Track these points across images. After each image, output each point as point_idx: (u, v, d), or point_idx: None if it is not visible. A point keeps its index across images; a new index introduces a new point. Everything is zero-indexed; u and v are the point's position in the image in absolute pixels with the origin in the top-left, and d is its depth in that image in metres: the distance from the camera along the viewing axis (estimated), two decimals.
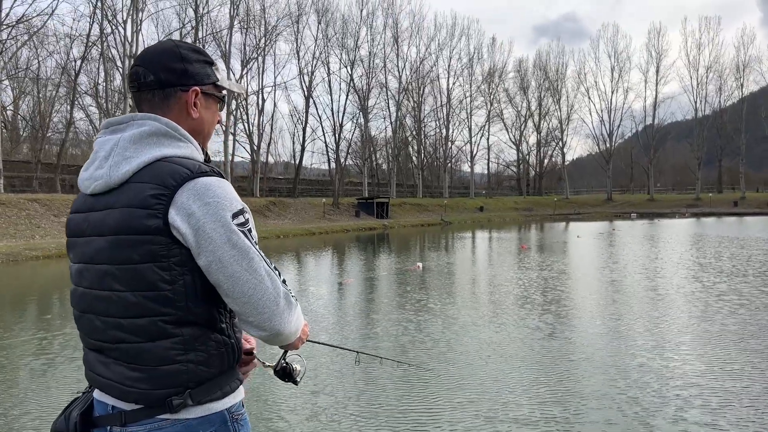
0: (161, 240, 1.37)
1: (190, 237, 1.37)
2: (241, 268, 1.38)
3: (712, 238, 25.55)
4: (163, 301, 1.39)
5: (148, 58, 1.54)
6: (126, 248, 1.39)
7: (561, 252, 20.83)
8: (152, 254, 1.37)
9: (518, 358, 6.56)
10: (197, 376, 1.42)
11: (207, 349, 1.43)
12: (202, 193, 1.38)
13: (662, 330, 7.75)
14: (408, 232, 39.58)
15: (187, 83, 1.53)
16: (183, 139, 1.49)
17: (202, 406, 1.43)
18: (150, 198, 1.37)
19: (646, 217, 54.77)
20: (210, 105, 1.59)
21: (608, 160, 76.58)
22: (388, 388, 5.54)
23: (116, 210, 1.41)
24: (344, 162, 58.98)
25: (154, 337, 1.40)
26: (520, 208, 65.27)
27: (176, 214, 1.36)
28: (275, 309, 1.42)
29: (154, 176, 1.40)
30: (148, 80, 1.52)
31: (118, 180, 1.42)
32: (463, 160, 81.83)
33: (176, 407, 1.40)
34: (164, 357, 1.40)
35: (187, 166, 1.41)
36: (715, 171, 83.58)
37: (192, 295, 1.41)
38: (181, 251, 1.39)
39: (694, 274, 13.35)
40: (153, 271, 1.38)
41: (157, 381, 1.40)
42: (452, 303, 10.25)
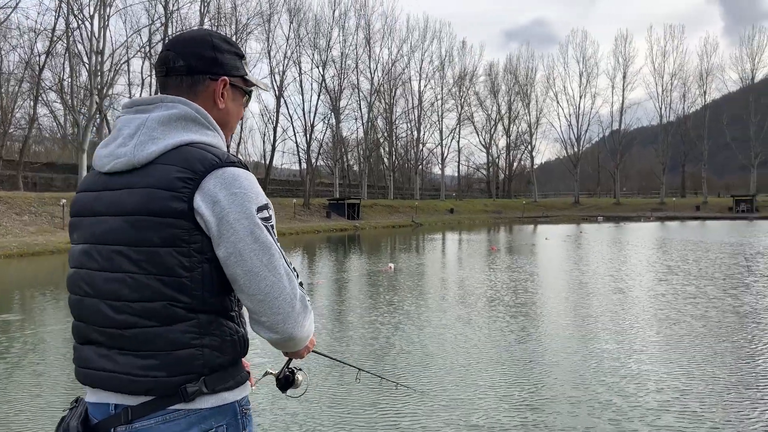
0: (184, 224, 1.33)
1: (213, 225, 1.34)
2: (260, 263, 1.34)
3: (677, 241, 26.13)
4: (179, 288, 1.35)
5: (180, 44, 1.52)
6: (146, 229, 1.34)
7: (530, 254, 21.07)
8: (173, 238, 1.33)
9: (491, 362, 6.56)
10: (211, 361, 1.37)
11: (221, 334, 1.39)
12: (229, 183, 1.35)
13: (633, 333, 7.86)
14: (379, 233, 39.60)
15: (216, 72, 1.51)
16: (210, 127, 1.47)
17: (215, 395, 1.39)
18: (177, 180, 1.34)
19: (612, 220, 55.74)
20: (236, 98, 1.57)
21: (576, 164, 77.73)
22: (360, 395, 5.51)
23: (138, 190, 1.36)
24: (315, 163, 58.77)
25: (167, 321, 1.35)
26: (489, 211, 65.82)
27: (202, 200, 1.33)
28: (290, 311, 1.38)
29: (182, 159, 1.36)
30: (177, 65, 1.49)
31: (143, 159, 1.38)
32: (434, 162, 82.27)
33: (191, 395, 1.35)
34: (179, 341, 1.35)
35: (215, 154, 1.39)
36: (679, 176, 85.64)
37: (208, 284, 1.37)
38: (202, 238, 1.35)
39: (661, 277, 13.61)
40: (172, 256, 1.34)
41: (172, 367, 1.34)
42: (424, 305, 10.28)
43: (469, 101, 77.35)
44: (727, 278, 13.02)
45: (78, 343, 1.49)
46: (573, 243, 26.62)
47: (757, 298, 10.29)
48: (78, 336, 1.48)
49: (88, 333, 1.44)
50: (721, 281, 12.52)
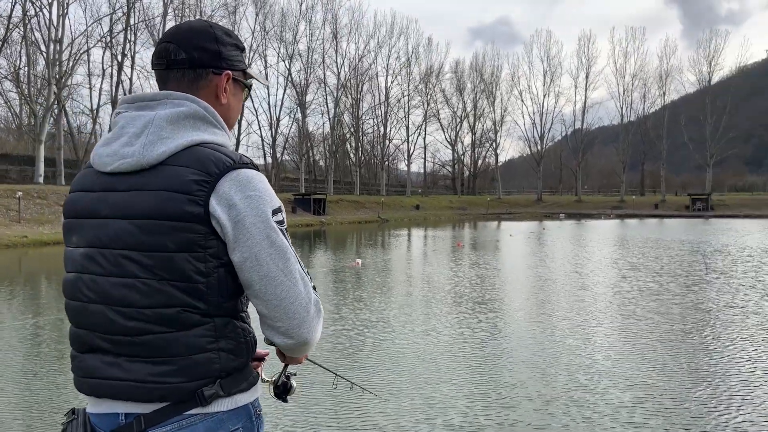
0: (200, 229, 1.29)
1: (229, 229, 1.30)
2: (277, 268, 1.31)
3: (638, 239, 26.72)
4: (194, 293, 1.31)
5: (181, 36, 1.45)
6: (160, 234, 1.29)
7: (495, 250, 21.30)
8: (188, 243, 1.29)
9: (462, 360, 6.56)
10: (227, 365, 1.35)
11: (236, 336, 1.37)
12: (244, 185, 1.31)
13: (601, 329, 7.97)
14: (345, 228, 39.52)
15: (220, 66, 1.46)
16: (219, 126, 1.43)
17: (231, 397, 1.36)
18: (192, 183, 1.29)
19: (573, 217, 56.78)
20: (237, 92, 1.52)
21: (539, 162, 78.89)
22: (321, 395, 5.49)
23: (149, 192, 1.30)
24: (281, 157, 58.30)
25: (183, 327, 1.31)
26: (454, 207, 66.33)
27: (217, 204, 1.29)
28: (305, 316, 1.35)
29: (195, 161, 1.31)
30: (179, 58, 1.42)
31: (153, 160, 1.32)
32: (400, 158, 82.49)
33: (208, 399, 1.32)
34: (195, 345, 1.31)
35: (228, 155, 1.35)
36: (639, 174, 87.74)
37: (224, 289, 1.34)
38: (217, 243, 1.31)
39: (624, 274, 13.86)
40: (188, 261, 1.29)
41: (188, 372, 1.31)
42: (393, 302, 10.30)
43: (436, 98, 77.87)
44: (689, 275, 13.33)
45: (78, 351, 1.42)
46: (536, 240, 27.02)
47: (719, 295, 10.56)
48: (78, 344, 1.41)
49: (90, 341, 1.37)
50: (683, 278, 12.80)
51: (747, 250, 19.53)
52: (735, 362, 6.27)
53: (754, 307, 9.35)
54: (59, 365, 6.22)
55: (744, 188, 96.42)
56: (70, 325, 1.45)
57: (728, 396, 5.19)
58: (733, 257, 17.32)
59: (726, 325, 8.08)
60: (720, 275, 13.35)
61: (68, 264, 1.42)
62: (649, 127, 76.72)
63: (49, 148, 40.67)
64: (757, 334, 7.50)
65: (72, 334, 1.43)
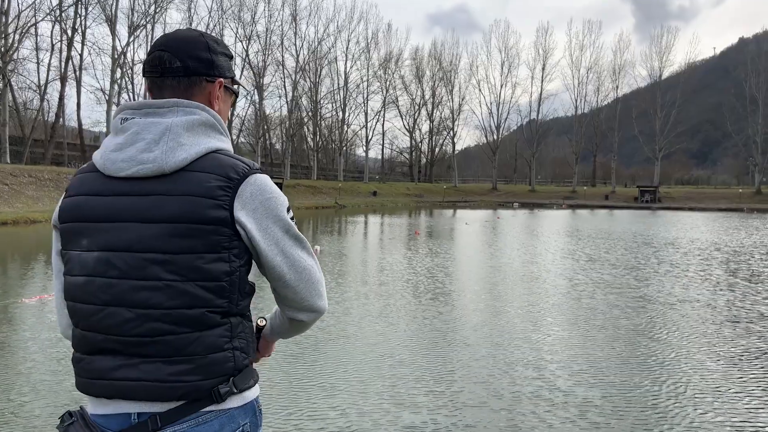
0: (225, 231, 1.38)
1: (255, 231, 1.41)
2: (300, 257, 1.48)
3: (590, 230, 27.34)
4: (219, 292, 1.39)
5: (174, 45, 1.50)
6: (189, 237, 1.35)
7: (451, 239, 21.60)
8: (215, 245, 1.37)
9: (417, 354, 6.66)
10: (239, 363, 1.44)
11: (245, 336, 1.47)
12: (262, 189, 1.43)
13: (557, 322, 8.13)
14: (302, 214, 39.32)
15: (213, 74, 1.53)
16: (225, 134, 1.52)
17: (241, 394, 1.45)
18: (216, 189, 1.37)
19: (527, 207, 57.86)
20: (227, 99, 1.61)
21: (495, 151, 79.88)
22: (274, 392, 5.57)
23: (175, 197, 1.36)
24: (237, 140, 57.40)
25: (205, 327, 1.38)
26: (411, 194, 66.69)
27: (241, 208, 1.39)
28: (322, 291, 1.54)
29: (215, 167, 1.40)
30: (174, 66, 1.48)
31: (174, 166, 1.37)
32: (358, 144, 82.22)
33: (224, 396, 1.39)
34: (214, 344, 1.39)
35: (243, 162, 1.45)
36: (591, 166, 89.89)
37: (242, 288, 1.45)
38: (239, 244, 1.41)
39: (579, 265, 14.16)
40: (214, 262, 1.37)
41: (206, 370, 1.38)
42: (348, 290, 10.38)
43: (395, 84, 77.75)
44: (643, 268, 13.58)
45: (84, 353, 1.44)
46: (491, 229, 27.48)
47: (673, 288, 10.86)
48: (85, 346, 1.43)
49: (100, 342, 1.40)
50: (637, 271, 13.01)
51: (696, 243, 20.23)
52: (692, 356, 6.44)
53: (707, 300, 9.63)
54: None
55: (690, 181, 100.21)
56: (73, 327, 1.48)
57: (686, 390, 5.32)
58: (684, 250, 17.82)
59: (682, 318, 8.26)
60: (672, 268, 13.67)
61: (74, 267, 1.43)
62: (602, 119, 78.49)
63: None
64: (710, 327, 7.77)
65: (77, 336, 1.45)
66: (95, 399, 1.43)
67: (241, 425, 1.44)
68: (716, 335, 7.33)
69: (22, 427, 4.30)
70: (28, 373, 5.49)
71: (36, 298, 8.86)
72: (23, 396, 4.93)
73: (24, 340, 6.68)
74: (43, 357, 5.97)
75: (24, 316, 7.85)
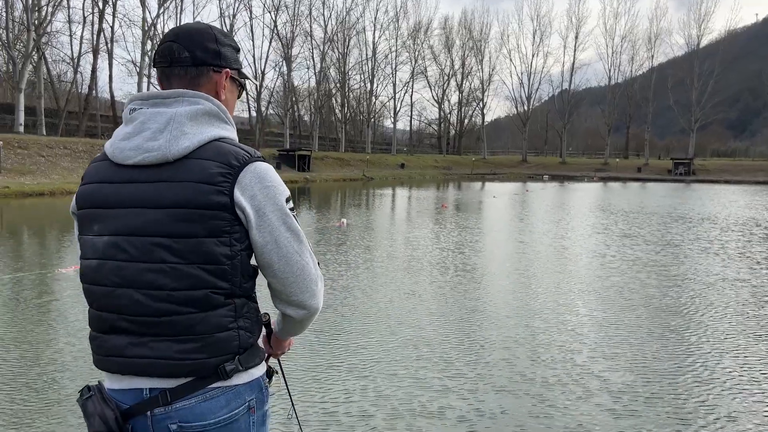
0: (226, 216, 1.43)
1: (252, 217, 1.45)
2: (293, 249, 1.49)
3: (623, 204, 26.81)
4: (221, 275, 1.44)
5: (183, 36, 1.56)
6: (191, 222, 1.41)
7: (479, 212, 21.41)
8: (217, 229, 1.43)
9: (438, 332, 6.60)
10: (244, 342, 1.50)
11: (251, 316, 1.54)
12: (261, 177, 1.47)
13: (587, 303, 7.90)
14: (330, 186, 39.42)
15: (219, 64, 1.58)
16: (229, 122, 1.56)
17: (247, 371, 1.52)
18: (217, 175, 1.42)
19: (557, 179, 57.10)
20: (233, 89, 1.65)
21: (525, 122, 78.69)
22: (307, 377, 5.55)
23: (178, 183, 1.42)
24: (266, 111, 57.54)
25: (208, 307, 1.44)
26: (439, 167, 66.26)
27: (241, 194, 1.44)
28: (315, 289, 1.54)
29: (217, 155, 1.45)
30: (182, 56, 1.54)
31: (178, 154, 1.43)
32: (386, 115, 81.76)
33: (229, 373, 1.46)
34: (219, 325, 1.46)
35: (245, 149, 1.50)
36: (623, 137, 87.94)
37: (245, 270, 1.50)
38: (240, 228, 1.46)
39: (609, 241, 13.88)
40: (216, 246, 1.43)
41: (212, 348, 1.45)
42: (374, 265, 10.34)
43: (423, 55, 76.82)
44: (679, 245, 13.27)
45: (99, 332, 1.52)
46: (520, 202, 27.16)
47: (710, 266, 10.54)
48: (100, 325, 1.51)
49: (113, 322, 1.48)
50: (672, 248, 12.67)
51: (734, 218, 19.69)
52: (730, 338, 6.21)
53: (746, 279, 9.33)
54: (38, 319, 6.21)
55: (726, 153, 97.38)
56: (88, 307, 1.56)
57: (724, 375, 5.14)
58: (721, 226, 17.33)
59: (720, 298, 7.99)
60: (710, 245, 13.23)
61: (88, 251, 1.51)
62: (636, 89, 76.59)
63: (28, 97, 39.73)
64: (750, 308, 7.51)
65: (92, 316, 1.53)
66: (111, 375, 1.51)
67: (247, 401, 1.52)
68: (756, 316, 7.08)
69: (61, 393, 4.34)
70: (66, 341, 5.56)
71: (72, 268, 9.00)
72: (58, 364, 4.98)
73: (62, 308, 6.79)
74: (82, 325, 6.02)
75: (60, 287, 7.99)
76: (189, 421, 1.44)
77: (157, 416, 1.45)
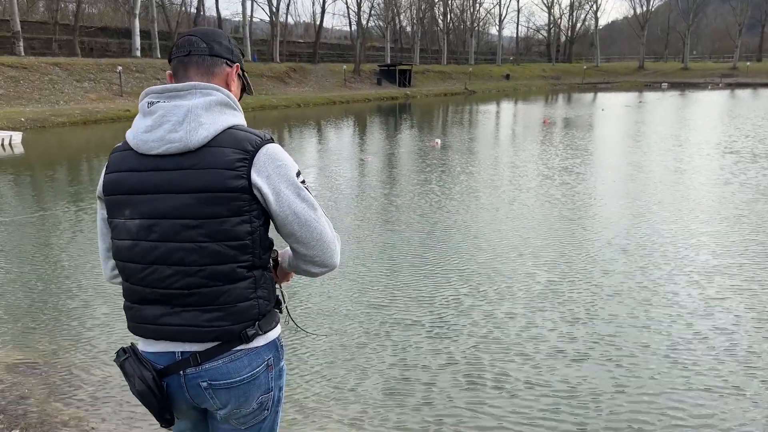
0: (245, 197, 1.59)
1: (270, 195, 1.61)
2: (311, 217, 1.66)
3: (753, 116, 24.15)
4: (243, 249, 1.63)
5: (202, 32, 1.77)
6: (216, 204, 1.58)
7: (582, 127, 20.54)
8: (238, 209, 1.59)
9: (542, 262, 6.45)
10: (263, 309, 1.70)
11: (267, 286, 1.72)
12: (273, 158, 1.63)
13: (723, 251, 6.57)
14: (430, 102, 38.99)
15: (232, 59, 1.77)
16: (238, 110, 1.71)
17: (265, 335, 1.72)
18: (235, 161, 1.58)
19: (677, 87, 52.97)
20: (238, 84, 1.83)
21: (643, 25, 72.62)
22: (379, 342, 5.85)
23: (200, 170, 1.58)
24: (366, 25, 56.84)
25: (232, 280, 1.63)
26: (547, 77, 63.28)
27: (257, 176, 1.60)
28: (334, 248, 1.72)
29: (233, 141, 1.61)
30: (200, 47, 1.72)
31: (197, 144, 1.59)
32: (491, 23, 78.24)
33: (251, 337, 1.67)
34: (241, 295, 1.65)
35: (256, 134, 1.65)
36: (757, 38, 79.02)
37: (263, 243, 1.68)
38: (258, 206, 1.63)
39: (735, 168, 11.92)
40: (238, 224, 1.60)
41: (235, 317, 1.64)
42: (468, 188, 10.40)
43: None
44: None
45: (133, 303, 1.72)
46: (630, 114, 25.66)
47: None
48: (134, 297, 1.71)
49: (147, 294, 1.68)
50: None
51: None
52: None
53: None
54: None
55: None
56: (122, 281, 1.75)
57: None
58: None
59: None
60: None
61: (122, 233, 1.68)
62: None
63: (143, 20, 41.58)
64: None
65: (127, 289, 1.73)
66: (145, 339, 1.72)
67: (266, 360, 1.73)
68: None
69: None
70: None
71: None
72: (108, 316, 5.04)
73: None
74: None
75: None
76: (217, 379, 1.66)
77: (189, 375, 1.66)
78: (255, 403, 1.73)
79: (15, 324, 4.88)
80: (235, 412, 1.72)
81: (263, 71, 40.04)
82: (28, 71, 28.08)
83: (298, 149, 16.33)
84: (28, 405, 3.49)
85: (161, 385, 1.67)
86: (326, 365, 4.17)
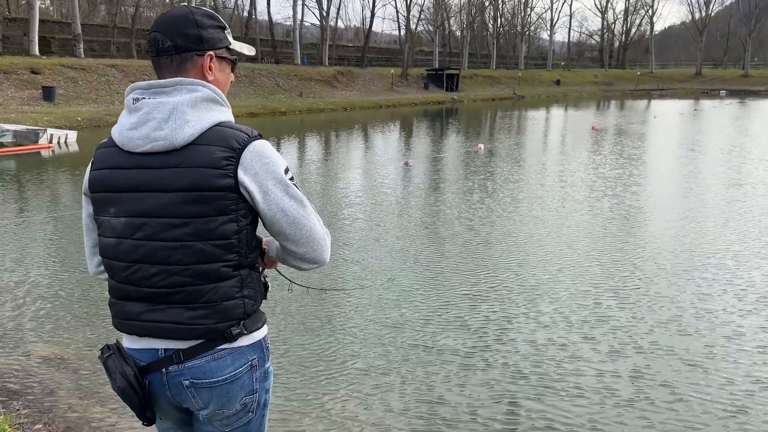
0: (232, 196, 1.56)
1: (257, 193, 1.57)
2: (299, 214, 1.62)
3: None
4: (229, 248, 1.60)
5: (165, 25, 1.65)
6: (202, 203, 1.55)
7: (632, 137, 19.95)
8: (224, 208, 1.56)
9: (586, 274, 6.44)
10: (249, 309, 1.66)
11: (254, 285, 1.69)
12: (260, 155, 1.58)
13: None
14: (477, 107, 38.67)
15: (202, 48, 1.65)
16: (225, 105, 1.67)
17: (251, 334, 1.68)
18: (222, 159, 1.54)
19: (736, 95, 51.05)
20: (224, 67, 1.72)
21: (702, 30, 70.36)
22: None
23: (186, 169, 1.55)
24: (415, 29, 56.83)
25: (217, 279, 1.60)
26: (599, 82, 61.98)
27: (244, 174, 1.56)
28: (324, 245, 1.68)
29: (219, 139, 1.56)
30: (166, 46, 1.63)
31: (183, 141, 1.55)
32: (542, 28, 77.20)
33: (235, 336, 1.63)
34: (226, 294, 1.62)
35: (243, 131, 1.60)
36: None
37: (250, 242, 1.65)
38: (245, 205, 1.59)
39: None
40: (225, 223, 1.57)
41: (220, 315, 1.61)
42: (511, 198, 10.23)
43: None
44: None
45: (118, 299, 1.69)
46: (684, 123, 24.83)
47: None
48: (119, 294, 1.69)
49: (131, 292, 1.65)
50: None
51: None
52: None
53: None
54: None
55: None
56: (108, 278, 1.72)
57: None
58: None
59: None
60: None
61: (107, 230, 1.66)
62: None
63: None
64: None
65: (112, 286, 1.71)
66: (129, 336, 1.69)
67: (250, 360, 1.69)
68: None
69: None
70: None
71: None
72: None
73: None
74: None
75: None
76: (199, 378, 1.63)
77: (171, 373, 1.63)
78: (238, 404, 1.69)
79: (56, 317, 5.01)
80: (218, 413, 1.69)
81: (312, 75, 40.47)
82: (86, 72, 29.09)
83: (344, 152, 16.37)
84: (54, 400, 3.54)
85: (143, 383, 1.64)
86: (349, 395, 3.81)
